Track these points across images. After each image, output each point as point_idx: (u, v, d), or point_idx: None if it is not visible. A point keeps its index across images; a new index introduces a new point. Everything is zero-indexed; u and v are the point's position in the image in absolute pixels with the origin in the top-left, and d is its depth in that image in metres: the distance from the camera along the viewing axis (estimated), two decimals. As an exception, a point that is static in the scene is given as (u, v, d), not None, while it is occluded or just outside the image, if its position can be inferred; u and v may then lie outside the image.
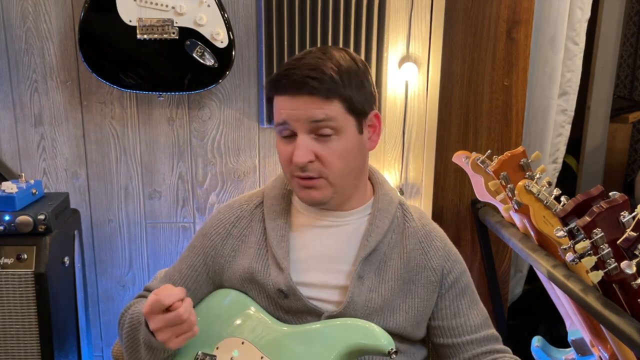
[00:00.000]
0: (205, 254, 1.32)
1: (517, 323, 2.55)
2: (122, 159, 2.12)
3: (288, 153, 1.19)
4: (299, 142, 1.17)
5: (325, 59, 1.17)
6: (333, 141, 1.17)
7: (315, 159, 1.17)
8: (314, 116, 1.15)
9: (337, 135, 1.17)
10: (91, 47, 1.90)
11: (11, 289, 1.75)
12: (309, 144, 1.16)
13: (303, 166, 1.17)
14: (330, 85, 1.15)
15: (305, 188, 1.20)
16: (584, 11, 2.30)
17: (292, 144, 1.18)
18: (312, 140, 1.17)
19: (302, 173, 1.18)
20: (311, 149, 1.16)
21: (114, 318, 2.24)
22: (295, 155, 1.16)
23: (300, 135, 1.17)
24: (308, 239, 1.27)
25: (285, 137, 1.20)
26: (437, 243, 1.30)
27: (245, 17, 2.02)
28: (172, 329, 1.13)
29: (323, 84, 1.14)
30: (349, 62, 1.19)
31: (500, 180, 1.66)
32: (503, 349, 1.30)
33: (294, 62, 1.18)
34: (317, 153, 1.17)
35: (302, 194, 1.22)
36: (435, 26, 2.04)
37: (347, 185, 1.23)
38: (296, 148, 1.16)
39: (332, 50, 1.20)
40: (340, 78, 1.16)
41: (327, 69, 1.15)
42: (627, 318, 1.25)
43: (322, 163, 1.17)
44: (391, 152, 2.13)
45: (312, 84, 1.14)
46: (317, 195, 1.21)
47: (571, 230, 1.32)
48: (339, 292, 1.24)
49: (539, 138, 2.40)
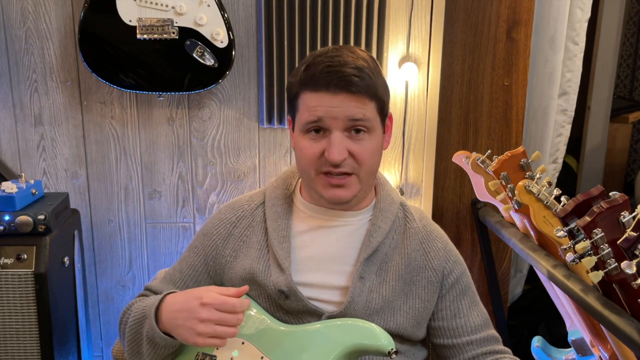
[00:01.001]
0: (206, 254, 1.32)
1: (517, 323, 2.55)
2: (122, 159, 2.12)
3: (316, 150, 1.18)
4: (334, 140, 1.16)
5: (358, 58, 1.18)
6: (365, 140, 1.18)
7: (348, 156, 1.17)
8: (353, 115, 1.15)
9: (368, 134, 1.18)
10: (91, 47, 1.90)
11: (11, 289, 1.75)
12: (343, 141, 1.17)
13: (339, 163, 1.16)
14: (370, 85, 1.16)
15: (333, 187, 1.19)
16: (584, 11, 2.30)
17: (321, 141, 1.17)
18: (345, 138, 1.17)
19: (335, 169, 1.17)
20: (345, 146, 1.17)
21: (114, 318, 2.24)
22: (331, 152, 1.15)
23: (335, 132, 1.16)
24: (309, 239, 1.27)
25: (314, 133, 1.18)
26: (438, 244, 1.30)
27: (245, 17, 2.02)
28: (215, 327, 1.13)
29: (364, 82, 1.15)
30: (374, 62, 1.22)
31: (500, 180, 1.66)
32: (503, 350, 1.30)
33: (331, 59, 1.16)
34: (350, 150, 1.17)
35: (328, 193, 1.20)
36: (435, 26, 2.04)
37: (369, 184, 1.25)
38: (331, 145, 1.16)
39: (357, 50, 1.21)
40: (375, 78, 1.18)
41: (366, 69, 1.16)
42: (627, 318, 1.25)
43: (355, 160, 1.18)
44: (391, 152, 2.13)
45: (356, 82, 1.14)
46: (344, 194, 1.20)
47: (571, 230, 1.32)
48: (340, 292, 1.24)
49: (539, 138, 2.40)
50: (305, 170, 1.22)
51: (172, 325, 1.17)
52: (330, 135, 1.16)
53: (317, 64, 1.16)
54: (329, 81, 1.15)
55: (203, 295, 1.15)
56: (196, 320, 1.13)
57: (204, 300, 1.14)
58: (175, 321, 1.16)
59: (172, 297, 1.22)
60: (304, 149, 1.20)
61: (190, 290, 1.21)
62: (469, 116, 2.20)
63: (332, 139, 1.16)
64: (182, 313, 1.16)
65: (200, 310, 1.13)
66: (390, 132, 1.29)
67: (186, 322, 1.14)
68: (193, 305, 1.14)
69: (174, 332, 1.17)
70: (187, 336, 1.14)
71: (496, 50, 2.14)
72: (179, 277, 1.34)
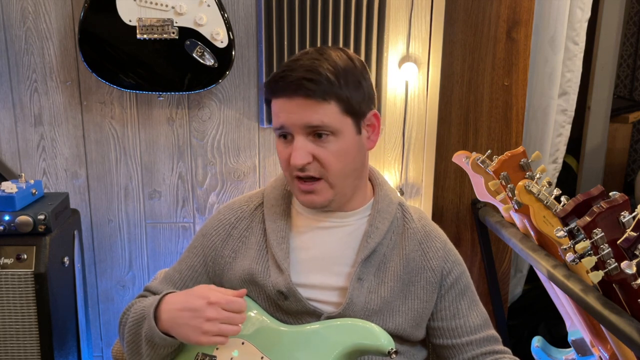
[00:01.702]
0: (205, 255, 1.32)
1: (517, 323, 2.55)
2: (122, 159, 2.12)
3: (287, 155, 1.19)
4: (296, 144, 1.17)
5: (321, 59, 1.17)
6: (330, 142, 1.17)
7: (313, 160, 1.17)
8: (309, 122, 1.15)
9: (334, 137, 1.17)
10: (91, 47, 1.90)
11: (11, 289, 1.75)
12: (306, 146, 1.16)
13: (302, 167, 1.17)
14: (327, 87, 1.14)
15: (306, 193, 1.20)
16: (584, 11, 2.30)
17: (290, 146, 1.18)
18: (309, 142, 1.17)
19: (301, 173, 1.18)
20: (309, 150, 1.16)
21: (114, 318, 2.24)
22: (293, 157, 1.16)
23: (297, 137, 1.17)
24: (308, 240, 1.27)
25: (283, 139, 1.20)
26: (436, 244, 1.29)
27: (245, 17, 2.02)
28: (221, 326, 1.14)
29: (319, 85, 1.14)
30: (345, 62, 1.19)
31: (500, 180, 1.66)
32: (503, 350, 1.30)
33: (290, 64, 1.18)
34: (314, 154, 1.17)
35: (302, 198, 1.22)
36: (435, 26, 2.04)
37: (347, 186, 1.23)
38: (294, 150, 1.17)
39: (329, 50, 1.20)
40: (337, 78, 1.15)
41: (323, 70, 1.15)
42: (627, 318, 1.25)
43: (320, 164, 1.17)
44: (391, 152, 2.13)
45: (307, 86, 1.13)
46: (317, 199, 1.21)
47: (571, 230, 1.32)
48: (339, 293, 1.24)
49: (539, 138, 2.40)
50: (285, 173, 1.25)
51: (173, 325, 1.17)
52: (294, 140, 1.17)
53: (278, 70, 1.19)
54: (282, 87, 1.16)
55: (209, 294, 1.16)
56: (202, 319, 1.14)
57: (211, 300, 1.15)
58: (178, 320, 1.17)
59: (172, 296, 1.22)
60: (279, 154, 1.22)
61: (191, 290, 1.21)
62: (469, 116, 2.20)
63: (294, 144, 1.17)
64: (186, 312, 1.16)
65: (207, 309, 1.14)
66: (377, 132, 1.26)
67: (191, 321, 1.15)
68: (199, 304, 1.15)
69: (176, 332, 1.17)
70: (191, 335, 1.15)
71: (496, 50, 2.14)
72: (178, 277, 1.34)
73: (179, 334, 1.17)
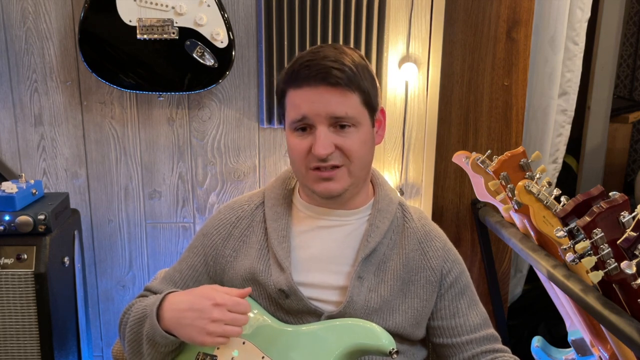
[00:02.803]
0: (206, 254, 1.32)
1: (517, 323, 2.55)
2: (122, 159, 2.12)
3: (304, 146, 1.18)
4: (319, 134, 1.16)
5: (341, 52, 1.19)
6: (352, 133, 1.18)
7: (335, 150, 1.18)
8: (335, 112, 1.16)
9: (355, 128, 1.19)
10: (91, 47, 1.90)
11: (11, 289, 1.75)
12: (329, 136, 1.17)
13: (325, 157, 1.17)
14: (351, 77, 1.16)
15: (324, 180, 1.20)
16: (584, 11, 2.30)
17: (308, 138, 1.18)
18: (331, 132, 1.17)
19: (323, 163, 1.18)
20: (331, 140, 1.17)
21: (114, 318, 2.24)
22: (318, 147, 1.16)
23: (319, 128, 1.17)
24: (309, 239, 1.27)
25: (300, 131, 1.20)
26: (436, 243, 1.30)
27: (245, 17, 2.02)
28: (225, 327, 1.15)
29: (345, 74, 1.15)
30: (359, 57, 1.22)
31: (500, 180, 1.66)
32: (502, 349, 1.30)
33: (312, 54, 1.18)
34: (337, 144, 1.18)
35: (319, 187, 1.21)
36: (435, 26, 2.04)
37: (361, 177, 1.24)
38: (317, 140, 1.16)
39: (343, 47, 1.22)
40: (357, 70, 1.18)
41: (346, 61, 1.17)
42: (627, 318, 1.25)
43: (343, 153, 1.18)
44: (391, 152, 2.13)
45: (335, 74, 1.15)
46: (335, 187, 1.20)
47: (571, 230, 1.32)
48: (339, 292, 1.24)
49: (539, 138, 2.40)
50: (297, 168, 1.23)
51: (177, 325, 1.18)
52: (316, 130, 1.17)
53: (298, 61, 1.18)
54: (308, 74, 1.16)
55: (215, 295, 1.16)
56: (208, 320, 1.14)
57: (217, 301, 1.15)
58: (182, 320, 1.17)
59: (175, 296, 1.22)
60: (292, 147, 1.21)
61: (195, 290, 1.21)
62: (469, 116, 2.20)
63: (317, 134, 1.17)
64: (191, 312, 1.16)
65: (213, 310, 1.15)
66: (383, 127, 1.29)
67: (195, 322, 1.15)
68: (204, 305, 1.16)
69: (179, 331, 1.18)
70: (195, 335, 1.15)
71: (496, 50, 2.15)
72: (178, 277, 1.34)
73: (182, 333, 1.18)
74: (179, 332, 1.18)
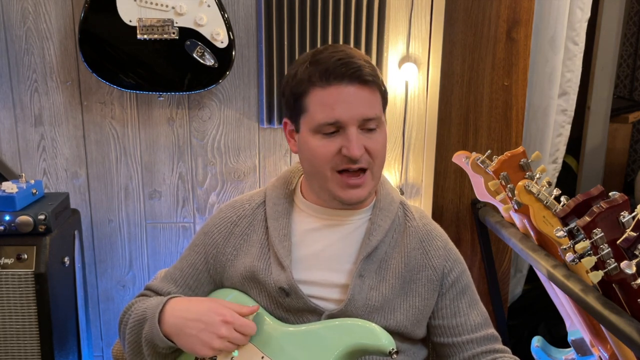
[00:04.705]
0: (207, 253, 1.33)
1: (517, 323, 2.55)
2: (122, 159, 2.12)
3: (332, 148, 1.17)
4: (351, 136, 1.16)
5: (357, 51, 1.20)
6: (377, 134, 1.19)
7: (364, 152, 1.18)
8: (367, 115, 1.16)
9: (379, 129, 1.20)
10: (91, 47, 1.90)
11: (11, 289, 1.75)
12: (359, 137, 1.17)
13: (358, 159, 1.17)
14: (376, 76, 1.18)
15: (351, 188, 1.19)
16: (584, 11, 2.30)
17: (335, 139, 1.17)
18: (359, 133, 1.17)
19: (354, 165, 1.17)
20: (362, 142, 1.17)
21: (114, 318, 2.24)
22: (353, 148, 1.15)
23: (350, 129, 1.16)
24: (310, 237, 1.28)
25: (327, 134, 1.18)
26: (437, 242, 1.30)
27: (245, 17, 2.02)
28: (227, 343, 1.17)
29: (373, 72, 1.17)
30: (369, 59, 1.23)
31: (500, 180, 1.66)
32: (502, 349, 1.30)
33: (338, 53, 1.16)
34: (365, 146, 1.18)
35: (346, 195, 1.20)
36: (435, 26, 2.04)
37: (379, 178, 1.26)
38: (350, 142, 1.15)
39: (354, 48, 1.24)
40: (376, 71, 1.19)
41: (369, 62, 1.18)
42: (627, 318, 1.25)
43: (370, 155, 1.19)
44: (391, 152, 2.13)
45: (367, 72, 1.15)
46: (362, 194, 1.21)
47: (571, 230, 1.32)
48: (340, 290, 1.24)
49: (539, 138, 2.40)
50: (319, 171, 1.20)
51: (178, 331, 1.18)
52: (346, 131, 1.16)
53: (325, 59, 1.16)
54: (343, 72, 1.14)
55: (225, 312, 1.17)
56: (214, 335, 1.16)
57: (227, 319, 1.17)
58: (186, 329, 1.17)
59: (179, 302, 1.23)
60: (317, 149, 1.18)
61: (204, 302, 1.22)
62: (469, 116, 2.20)
63: (349, 136, 1.16)
64: (197, 323, 1.17)
65: (221, 327, 1.16)
66: None
67: (201, 334, 1.16)
68: (213, 320, 1.17)
69: (180, 338, 1.18)
70: (197, 346, 1.16)
71: (496, 50, 2.15)
72: (179, 275, 1.34)
73: (183, 341, 1.18)
74: (180, 339, 1.18)
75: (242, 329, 1.18)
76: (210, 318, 1.17)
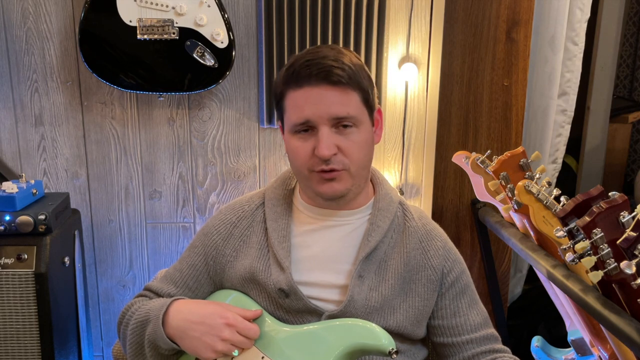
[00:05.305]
0: (207, 254, 1.33)
1: (517, 323, 2.55)
2: (122, 159, 2.13)
3: (307, 149, 1.18)
4: (322, 135, 1.16)
5: (339, 52, 1.19)
6: (353, 133, 1.18)
7: (337, 151, 1.18)
8: (337, 114, 1.16)
9: (356, 128, 1.19)
10: (91, 48, 1.90)
11: (11, 289, 1.75)
12: (331, 137, 1.17)
13: (328, 159, 1.17)
14: (352, 75, 1.17)
15: (327, 181, 1.20)
16: (584, 11, 2.30)
17: (310, 140, 1.18)
18: (333, 133, 1.17)
19: (325, 166, 1.18)
20: (333, 141, 1.17)
21: (114, 318, 2.25)
22: (321, 148, 1.16)
23: (322, 128, 1.17)
24: (309, 238, 1.28)
25: (303, 133, 1.19)
26: (437, 242, 1.30)
27: (245, 17, 2.02)
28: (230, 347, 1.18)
29: (346, 72, 1.16)
30: (356, 58, 1.22)
31: (500, 180, 1.66)
32: (502, 349, 1.30)
33: (311, 55, 1.18)
34: (339, 145, 1.17)
35: (323, 188, 1.21)
36: (435, 26, 2.04)
37: (362, 177, 1.24)
38: (320, 141, 1.16)
39: (341, 48, 1.23)
40: (357, 70, 1.18)
41: (346, 60, 1.17)
42: (627, 318, 1.25)
43: (344, 154, 1.18)
44: (391, 152, 2.13)
45: (336, 72, 1.15)
46: (338, 187, 1.20)
47: (571, 230, 1.32)
48: (339, 291, 1.24)
49: (539, 138, 2.41)
50: (299, 170, 1.22)
51: (182, 334, 1.19)
52: (318, 132, 1.17)
53: (297, 61, 1.18)
54: (309, 73, 1.15)
55: (228, 315, 1.18)
56: (217, 338, 1.16)
57: (230, 322, 1.17)
58: (190, 332, 1.18)
59: (184, 305, 1.23)
60: (295, 149, 1.20)
61: (208, 304, 1.23)
62: (468, 116, 2.20)
63: (319, 136, 1.16)
64: (201, 326, 1.18)
65: (224, 330, 1.17)
66: (381, 127, 1.29)
67: (204, 336, 1.17)
68: (216, 322, 1.17)
69: (183, 340, 1.19)
70: (200, 349, 1.17)
71: (496, 50, 2.15)
72: (179, 276, 1.34)
73: (186, 344, 1.19)
74: (184, 341, 1.19)
75: (245, 332, 1.18)
76: (214, 321, 1.18)
